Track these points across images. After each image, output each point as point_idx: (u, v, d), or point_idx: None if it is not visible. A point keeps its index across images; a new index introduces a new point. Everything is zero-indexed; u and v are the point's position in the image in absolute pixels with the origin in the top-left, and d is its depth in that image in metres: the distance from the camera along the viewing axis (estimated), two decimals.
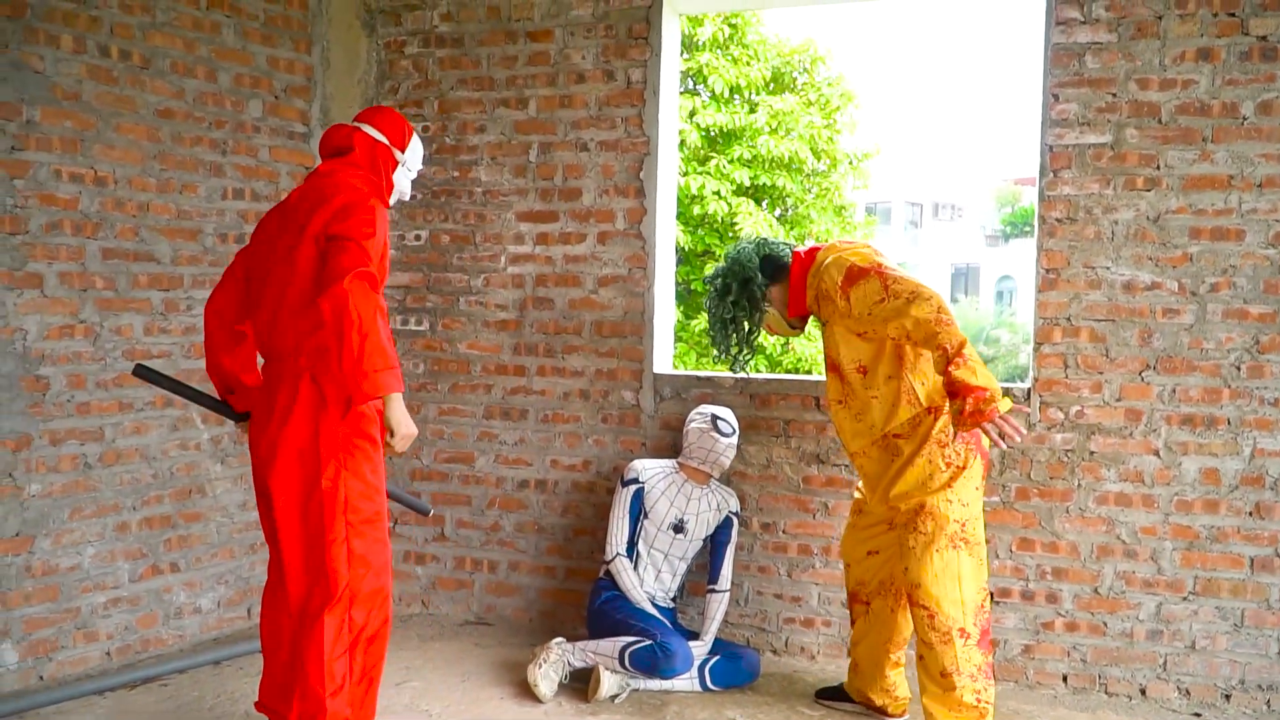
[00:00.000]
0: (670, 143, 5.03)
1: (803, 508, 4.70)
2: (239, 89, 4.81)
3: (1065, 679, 4.41)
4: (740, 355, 4.10)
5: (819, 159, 14.08)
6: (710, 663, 4.34)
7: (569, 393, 5.05)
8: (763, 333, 4.09)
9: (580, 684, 4.29)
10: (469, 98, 5.15)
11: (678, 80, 5.16)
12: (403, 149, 3.61)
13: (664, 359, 5.03)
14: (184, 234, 4.64)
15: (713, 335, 4.12)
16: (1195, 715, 4.20)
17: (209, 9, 4.68)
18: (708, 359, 13.18)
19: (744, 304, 3.99)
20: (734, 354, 4.09)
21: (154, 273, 4.54)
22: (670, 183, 5.06)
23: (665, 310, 5.04)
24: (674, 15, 5.00)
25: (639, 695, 4.27)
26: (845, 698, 4.20)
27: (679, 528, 4.50)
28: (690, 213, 13.21)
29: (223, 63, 4.74)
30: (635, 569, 4.50)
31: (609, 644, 4.25)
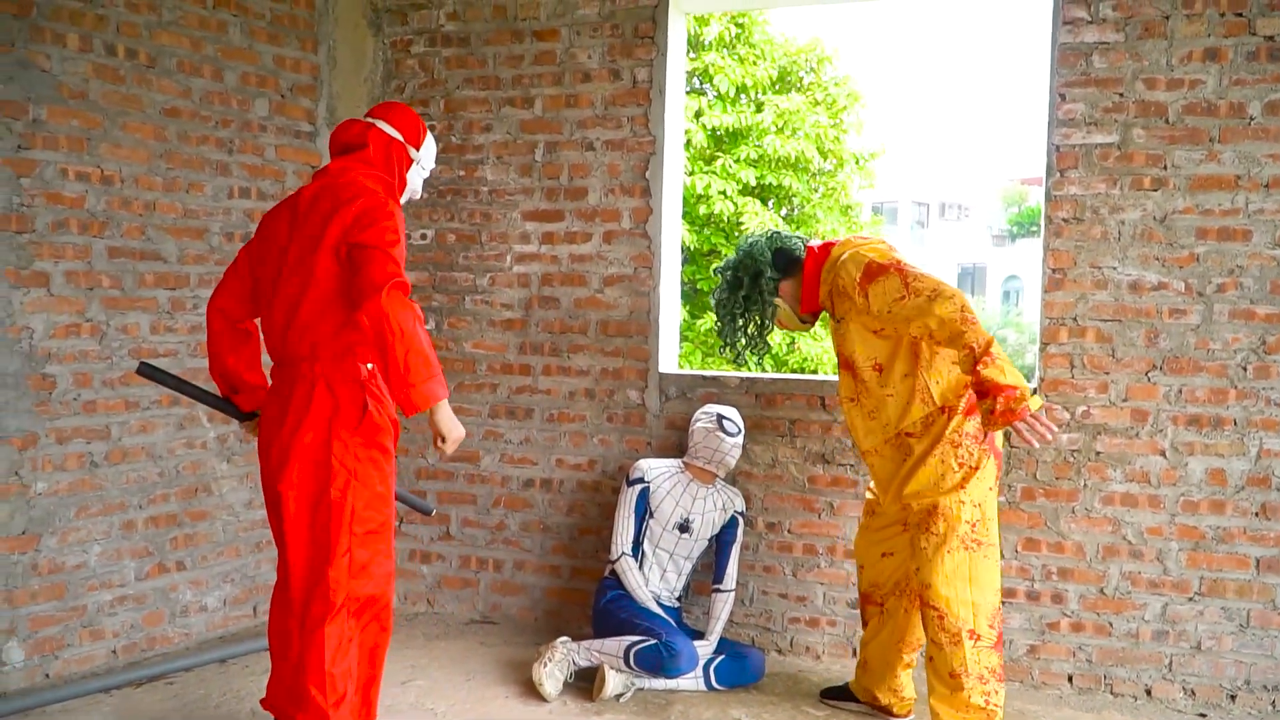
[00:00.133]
0: (676, 142, 5.03)
1: (808, 507, 4.70)
2: (245, 88, 4.82)
3: (1070, 679, 4.40)
4: (748, 350, 4.04)
5: (825, 159, 14.06)
6: (715, 662, 4.34)
7: (574, 392, 5.05)
8: (774, 328, 4.04)
9: (585, 683, 4.30)
10: (475, 97, 5.16)
11: (684, 80, 5.16)
12: (418, 146, 3.55)
13: (669, 358, 5.02)
14: (190, 233, 4.65)
15: (720, 328, 4.06)
16: (1200, 716, 4.19)
17: (215, 8, 4.68)
18: (713, 358, 13.17)
19: (755, 298, 3.93)
20: (740, 349, 4.04)
21: (160, 271, 4.54)
22: (676, 182, 5.06)
23: (671, 310, 5.04)
24: (680, 15, 4.99)
25: (644, 694, 4.27)
26: (850, 697, 4.19)
27: (684, 527, 4.49)
28: (696, 212, 13.20)
29: (229, 62, 4.75)
30: (640, 568, 4.50)
31: (614, 643, 4.25)
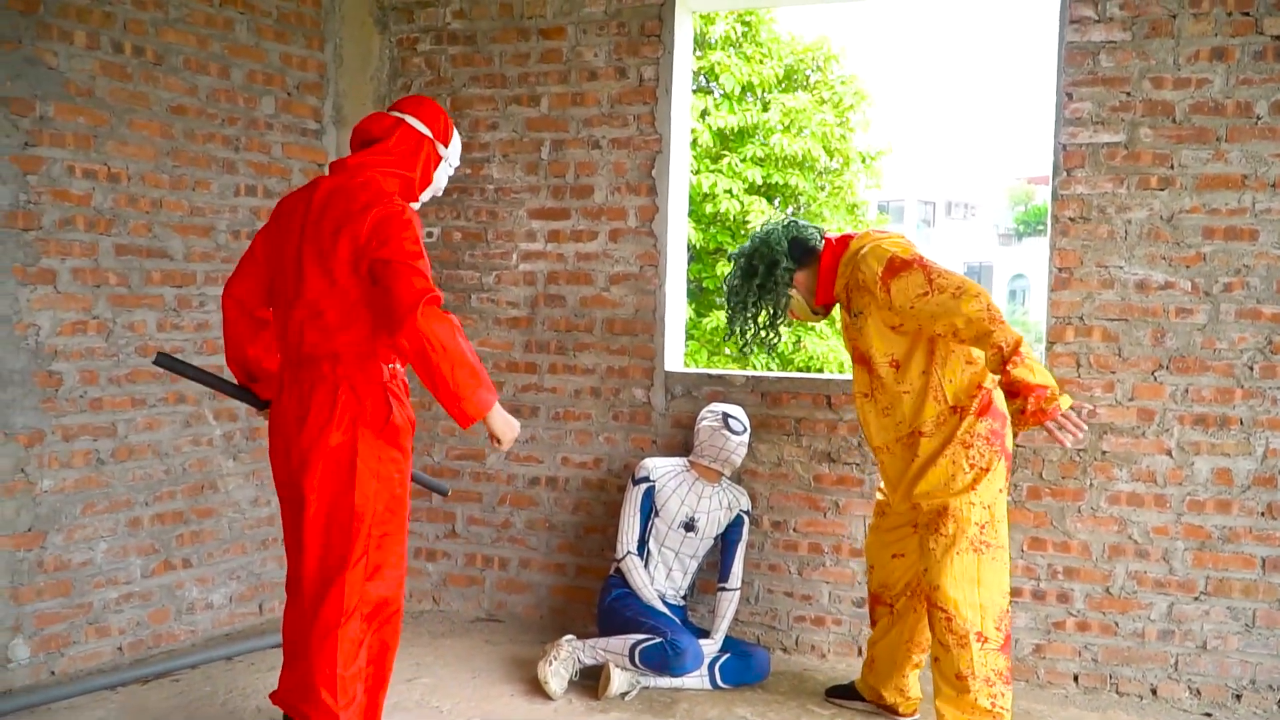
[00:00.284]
0: (682, 140, 5.03)
1: (814, 506, 4.70)
2: (252, 86, 4.83)
3: (1076, 678, 4.40)
4: (757, 341, 3.97)
5: (832, 157, 14.05)
6: (720, 661, 4.34)
7: (580, 390, 5.05)
8: (786, 319, 3.97)
9: (590, 681, 4.30)
10: (481, 95, 5.16)
11: (690, 78, 5.16)
12: (446, 143, 3.49)
13: (675, 357, 5.02)
14: (197, 230, 4.65)
15: (730, 316, 4.00)
16: (1206, 715, 4.19)
17: (222, 6, 4.68)
18: (719, 357, 13.17)
19: (770, 287, 3.87)
20: (749, 339, 3.98)
21: (167, 269, 4.55)
22: (682, 181, 5.06)
23: (677, 308, 5.04)
24: (687, 13, 4.99)
25: (649, 693, 4.27)
26: (856, 696, 4.19)
27: (690, 526, 4.49)
28: (702, 211, 13.20)
29: (236, 59, 4.75)
30: (646, 567, 4.50)
31: (619, 641, 4.25)
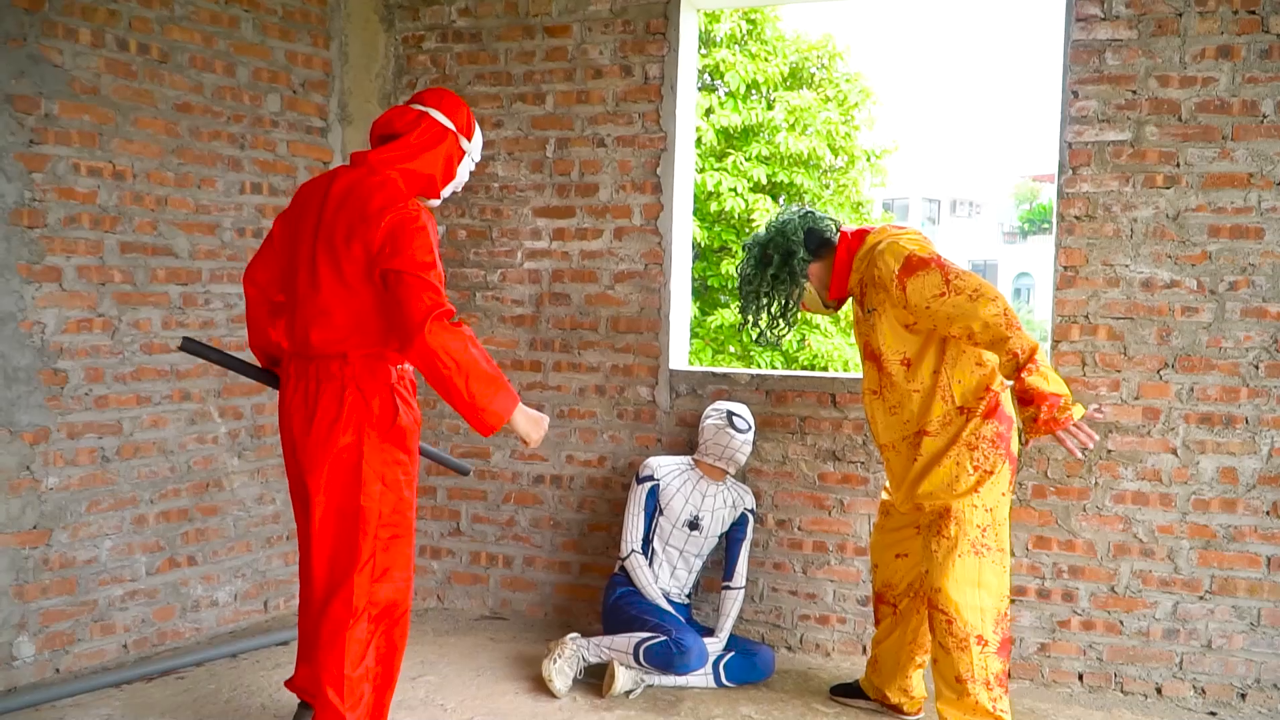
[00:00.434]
0: (687, 139, 5.02)
1: (818, 504, 4.69)
2: (257, 83, 4.83)
3: (1081, 677, 4.40)
4: (771, 330, 3.93)
5: (836, 155, 14.04)
6: (725, 659, 4.34)
7: (585, 388, 5.05)
8: (799, 310, 3.93)
9: (595, 679, 4.30)
10: (486, 93, 5.15)
11: (695, 76, 5.16)
12: (469, 137, 3.47)
13: (680, 355, 5.02)
14: (202, 228, 4.66)
15: (743, 305, 3.95)
16: (1211, 714, 4.18)
17: (227, 3, 4.69)
18: (724, 355, 13.17)
19: (784, 277, 3.82)
20: (764, 328, 3.93)
21: (172, 267, 4.55)
22: (687, 179, 5.06)
23: (681, 306, 5.03)
24: (692, 11, 4.99)
25: (653, 691, 4.27)
26: (860, 694, 4.19)
27: (694, 524, 4.49)
28: (707, 209, 13.20)
29: (241, 57, 4.76)
30: (650, 565, 4.50)
31: (624, 640, 4.25)
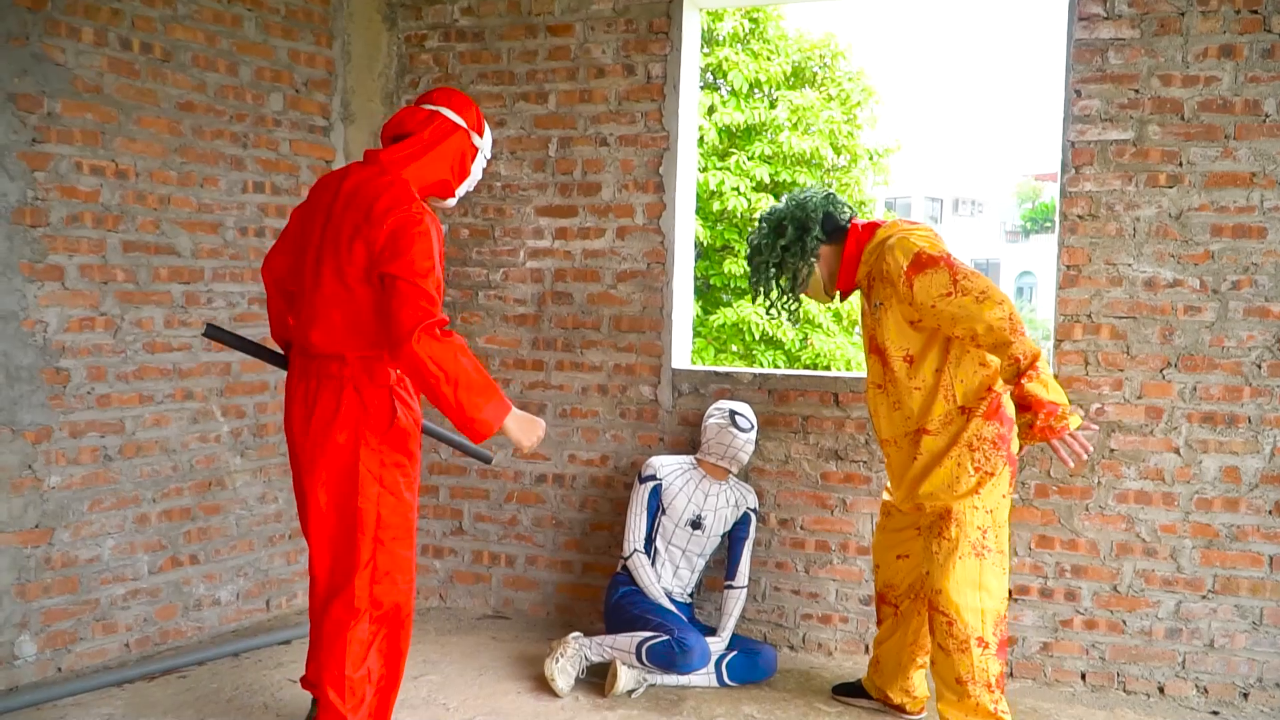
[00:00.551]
0: (690, 138, 5.02)
1: (821, 504, 4.69)
2: (260, 82, 4.83)
3: (1083, 676, 4.39)
4: (781, 304, 3.92)
5: (839, 154, 14.05)
6: (727, 658, 4.34)
7: (587, 387, 5.05)
8: (804, 291, 3.90)
9: (597, 678, 4.30)
10: (489, 92, 5.15)
11: (698, 75, 5.15)
12: (480, 134, 3.48)
13: (682, 354, 5.02)
14: (204, 227, 4.66)
15: (752, 276, 3.93)
16: (1213, 713, 4.18)
17: (230, 2, 4.69)
18: (726, 354, 13.17)
19: (796, 251, 3.80)
20: (774, 300, 3.92)
21: (174, 266, 4.55)
22: (689, 178, 5.06)
23: (684, 305, 5.03)
24: (694, 10, 4.98)
25: (656, 690, 4.27)
26: (862, 694, 4.19)
27: (697, 524, 4.49)
28: (709, 208, 13.21)
29: (244, 56, 4.75)
30: (653, 565, 4.50)
31: (626, 639, 4.25)
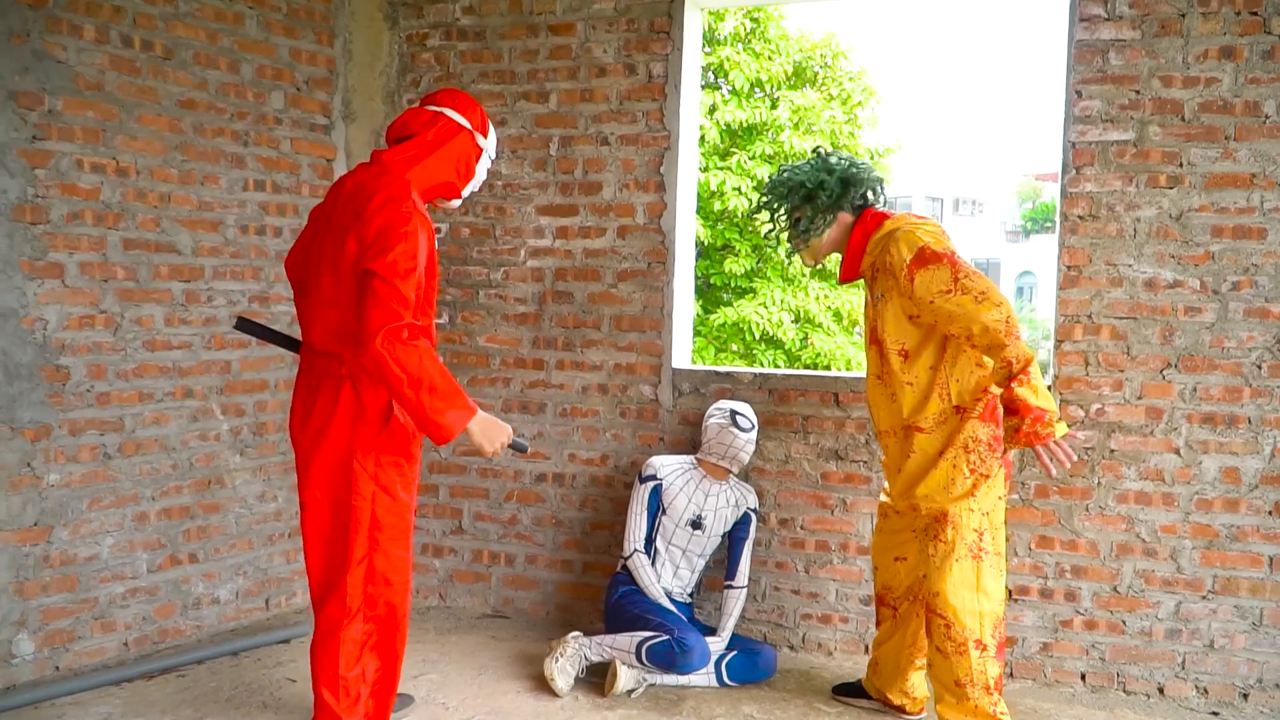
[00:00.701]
0: (691, 137, 5.02)
1: (821, 504, 4.69)
2: (261, 81, 4.82)
3: (1083, 677, 4.39)
4: (779, 234, 3.89)
5: None
6: (727, 658, 4.34)
7: (587, 387, 5.04)
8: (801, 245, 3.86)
9: (597, 678, 4.30)
10: (490, 91, 5.15)
11: (699, 75, 5.15)
12: (485, 134, 3.48)
13: (683, 354, 5.02)
14: (205, 225, 4.65)
15: (770, 197, 3.88)
16: (1213, 714, 4.18)
17: (232, 0, 4.69)
18: (726, 354, 13.17)
19: (826, 200, 3.74)
20: (775, 228, 3.89)
21: (175, 263, 4.55)
22: (690, 177, 5.05)
23: (684, 305, 5.03)
24: (696, 9, 4.98)
25: (655, 690, 4.27)
26: (862, 694, 4.19)
27: (697, 524, 4.49)
28: (710, 208, 13.20)
29: (245, 54, 4.75)
30: (653, 565, 4.50)
31: (626, 639, 4.25)
